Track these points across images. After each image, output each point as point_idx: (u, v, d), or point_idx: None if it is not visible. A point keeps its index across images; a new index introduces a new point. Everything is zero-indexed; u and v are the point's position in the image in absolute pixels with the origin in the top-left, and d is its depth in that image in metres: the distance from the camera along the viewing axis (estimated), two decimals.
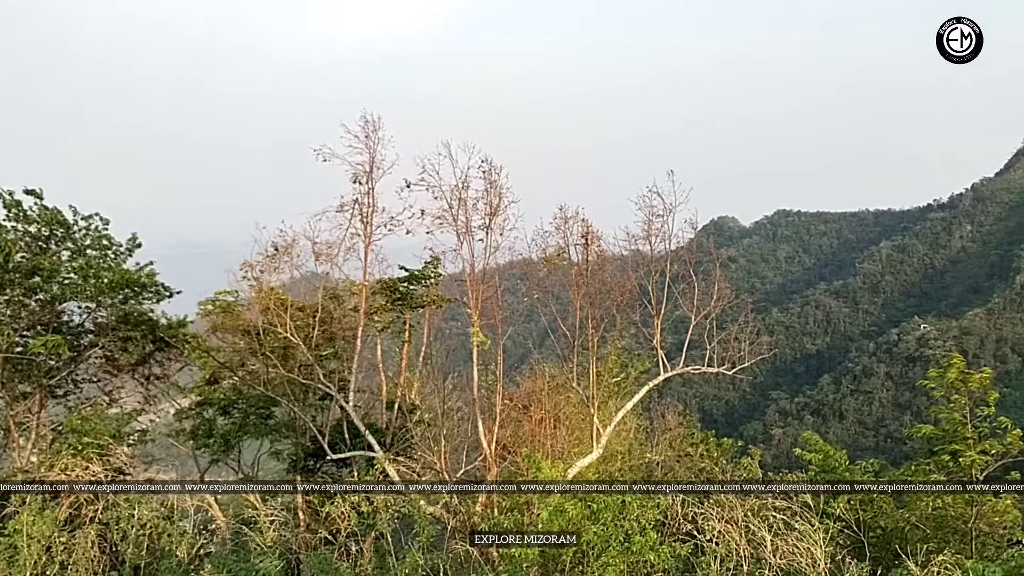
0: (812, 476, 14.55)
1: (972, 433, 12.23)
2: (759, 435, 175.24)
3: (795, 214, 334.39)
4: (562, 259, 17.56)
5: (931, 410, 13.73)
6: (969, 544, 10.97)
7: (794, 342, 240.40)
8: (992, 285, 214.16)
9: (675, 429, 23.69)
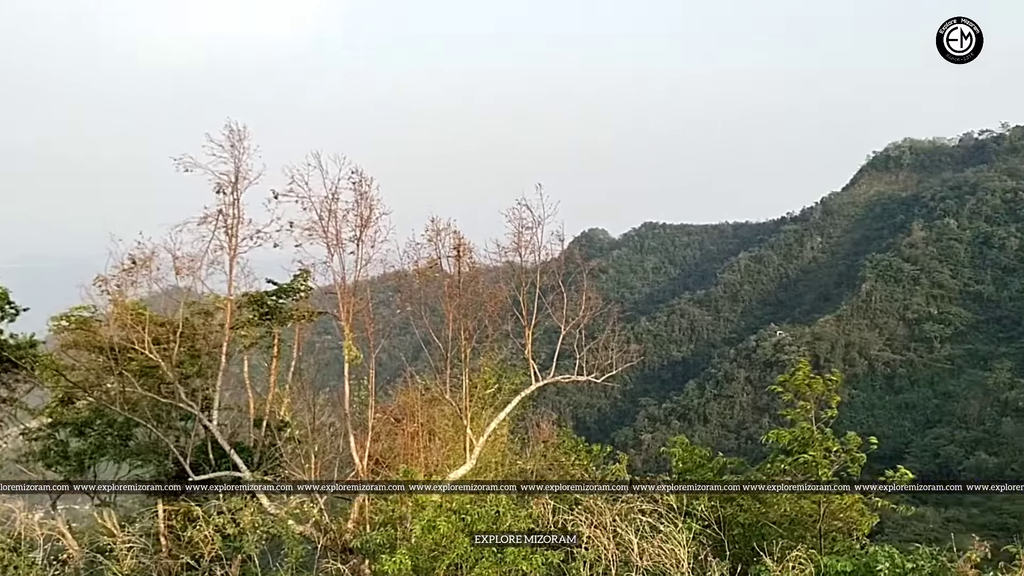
0: (677, 478, 15.12)
1: (817, 434, 13.01)
2: (630, 440, 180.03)
3: (661, 226, 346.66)
4: (434, 271, 17.57)
5: (782, 412, 14.46)
6: (820, 540, 11.65)
7: (661, 349, 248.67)
8: (840, 293, 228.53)
9: (549, 438, 24.08)
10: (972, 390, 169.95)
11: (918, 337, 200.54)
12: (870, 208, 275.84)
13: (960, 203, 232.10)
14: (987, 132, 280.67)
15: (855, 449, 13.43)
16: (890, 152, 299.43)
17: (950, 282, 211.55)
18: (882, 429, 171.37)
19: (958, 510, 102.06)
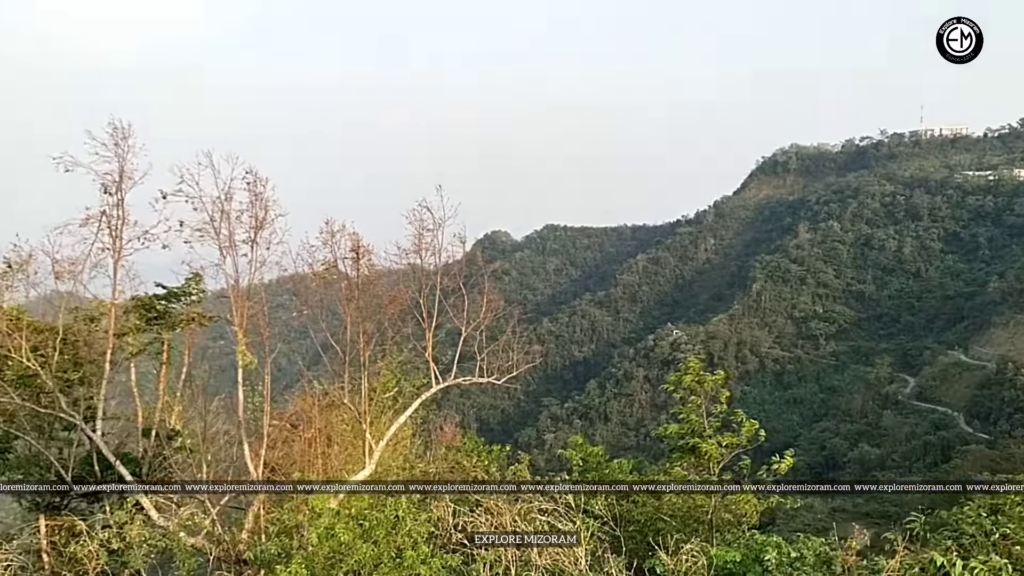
0: (576, 476, 15.33)
1: (709, 429, 13.42)
2: (533, 440, 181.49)
3: (562, 229, 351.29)
4: (331, 274, 17.26)
5: (675, 410, 14.84)
6: (712, 532, 12.00)
7: (563, 350, 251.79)
8: (733, 293, 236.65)
9: (452, 441, 23.99)
10: (855, 385, 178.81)
11: (805, 335, 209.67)
12: (760, 211, 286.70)
13: (843, 206, 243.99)
14: (867, 139, 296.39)
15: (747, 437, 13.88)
16: (778, 157, 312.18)
17: (834, 282, 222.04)
18: (772, 424, 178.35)
19: (844, 500, 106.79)
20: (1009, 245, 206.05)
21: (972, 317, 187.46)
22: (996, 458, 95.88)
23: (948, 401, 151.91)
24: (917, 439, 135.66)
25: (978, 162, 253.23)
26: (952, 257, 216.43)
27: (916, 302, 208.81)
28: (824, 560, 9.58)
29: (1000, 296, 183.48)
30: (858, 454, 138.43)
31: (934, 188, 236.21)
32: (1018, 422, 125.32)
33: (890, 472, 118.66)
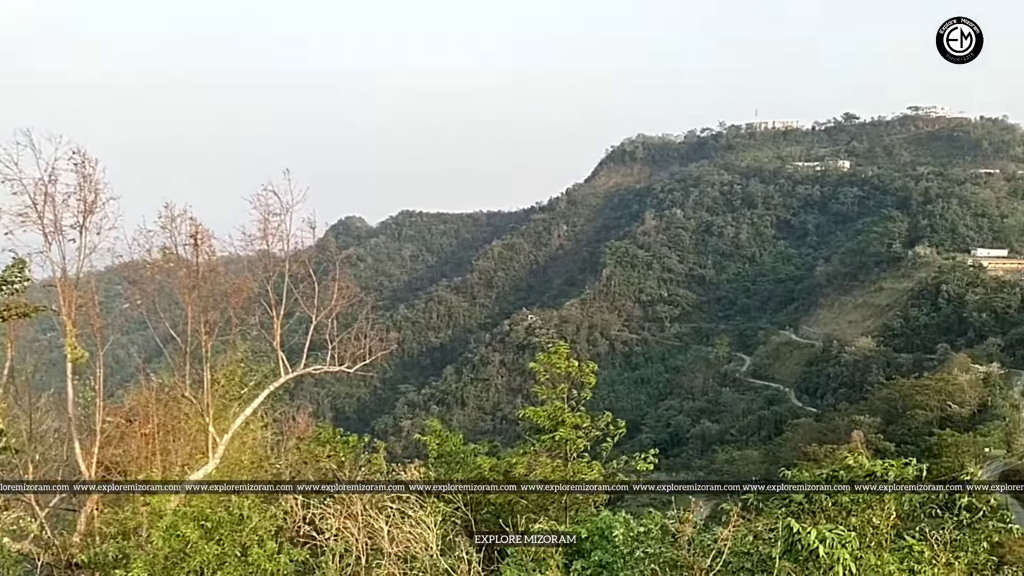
0: (431, 461, 15.33)
1: (571, 416, 13.73)
2: (390, 428, 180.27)
3: (418, 215, 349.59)
4: (170, 261, 16.37)
5: (537, 391, 15.02)
6: (565, 511, 12.31)
7: (420, 336, 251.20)
8: (584, 278, 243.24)
9: (304, 431, 23.41)
10: (697, 364, 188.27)
11: (651, 317, 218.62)
12: (609, 198, 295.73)
13: (686, 195, 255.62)
14: (708, 130, 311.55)
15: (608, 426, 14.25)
16: (626, 147, 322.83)
17: (678, 267, 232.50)
18: (622, 403, 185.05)
19: (687, 474, 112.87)
20: (834, 232, 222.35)
21: (801, 299, 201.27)
22: (823, 430, 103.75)
23: (780, 378, 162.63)
24: (753, 414, 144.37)
25: (807, 153, 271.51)
26: (784, 243, 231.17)
27: (752, 285, 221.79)
28: (667, 532, 10.03)
29: (826, 279, 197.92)
30: (700, 430, 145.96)
31: (768, 178, 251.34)
32: (842, 396, 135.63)
33: (729, 446, 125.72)
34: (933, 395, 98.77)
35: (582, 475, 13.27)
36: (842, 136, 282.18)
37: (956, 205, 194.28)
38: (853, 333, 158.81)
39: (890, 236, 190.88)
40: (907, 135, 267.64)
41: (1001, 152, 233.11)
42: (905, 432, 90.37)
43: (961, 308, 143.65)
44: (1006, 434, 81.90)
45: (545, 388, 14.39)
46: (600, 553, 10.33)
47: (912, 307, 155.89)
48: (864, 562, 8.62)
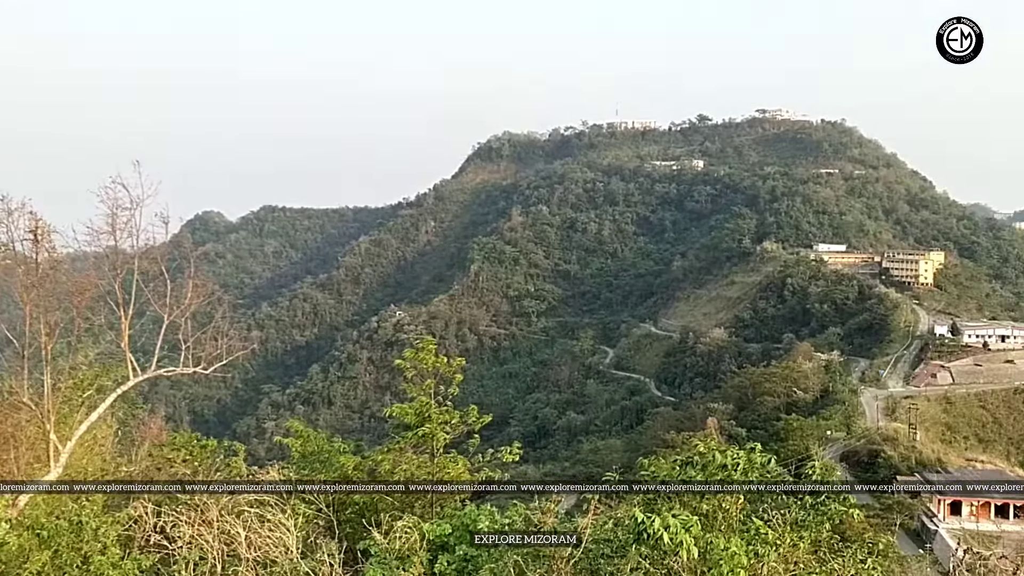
0: (294, 462, 14.96)
1: (438, 412, 13.71)
2: (253, 430, 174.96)
3: (281, 210, 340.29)
4: (5, 258, 15.19)
5: (404, 387, 14.90)
6: (430, 508, 12.31)
7: (284, 335, 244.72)
8: (453, 274, 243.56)
9: (158, 436, 22.36)
10: (563, 357, 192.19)
11: (519, 312, 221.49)
12: (477, 195, 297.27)
13: (551, 191, 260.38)
14: (571, 129, 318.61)
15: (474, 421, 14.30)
16: (492, 144, 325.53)
17: (544, 262, 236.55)
18: (491, 398, 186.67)
19: (554, 465, 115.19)
20: (689, 228, 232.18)
21: (660, 293, 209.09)
22: (680, 418, 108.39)
23: (641, 369, 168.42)
24: (616, 404, 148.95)
25: (664, 153, 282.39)
26: (643, 239, 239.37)
27: (614, 280, 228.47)
28: (530, 524, 10.21)
29: (682, 274, 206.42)
30: (566, 422, 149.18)
31: (628, 176, 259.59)
32: (698, 385, 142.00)
33: (593, 436, 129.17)
34: (780, 382, 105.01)
35: (447, 470, 13.29)
36: (696, 137, 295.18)
37: (800, 203, 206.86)
38: (708, 325, 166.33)
39: (740, 232, 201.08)
40: (755, 136, 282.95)
41: (840, 153, 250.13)
42: (755, 418, 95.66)
43: (805, 300, 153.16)
44: (846, 417, 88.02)
45: (412, 384, 14.31)
46: (465, 547, 10.40)
47: (760, 299, 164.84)
48: (712, 545, 9.04)
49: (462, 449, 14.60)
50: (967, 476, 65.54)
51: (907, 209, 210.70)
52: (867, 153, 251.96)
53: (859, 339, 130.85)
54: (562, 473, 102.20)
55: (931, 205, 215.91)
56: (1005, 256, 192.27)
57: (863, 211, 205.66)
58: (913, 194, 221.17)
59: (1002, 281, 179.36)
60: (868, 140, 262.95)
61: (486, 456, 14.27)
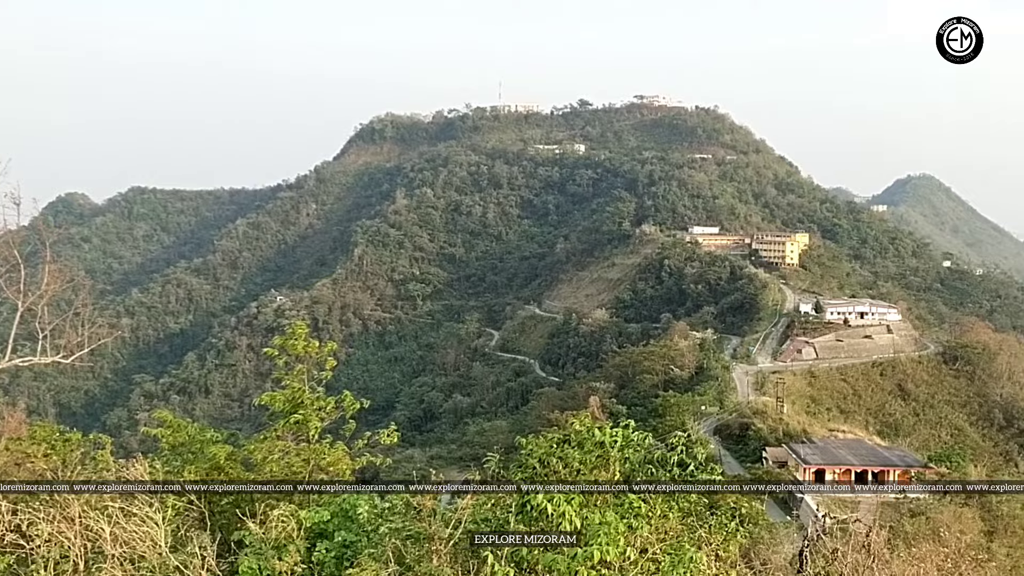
0: (164, 454, 14.36)
1: (312, 399, 13.41)
2: (124, 422, 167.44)
3: (151, 191, 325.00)
4: None
5: (277, 375, 14.51)
6: (308, 495, 12.09)
7: (157, 322, 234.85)
8: (336, 258, 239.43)
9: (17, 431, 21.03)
10: (449, 340, 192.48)
11: (404, 296, 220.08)
12: (359, 177, 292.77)
13: (435, 174, 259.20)
14: (455, 111, 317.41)
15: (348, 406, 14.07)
16: (375, 125, 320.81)
17: (429, 245, 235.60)
18: (376, 382, 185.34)
19: (441, 447, 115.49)
20: (572, 211, 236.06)
21: (544, 275, 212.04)
22: (564, 397, 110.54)
23: (526, 350, 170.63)
24: (502, 386, 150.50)
25: (547, 137, 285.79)
26: (527, 222, 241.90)
27: (499, 263, 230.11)
28: (410, 507, 10.19)
29: (565, 256, 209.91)
30: (452, 404, 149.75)
31: (512, 159, 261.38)
32: (581, 365, 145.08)
33: (480, 418, 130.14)
34: (658, 360, 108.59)
35: (324, 456, 13.06)
36: (578, 121, 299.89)
37: (676, 187, 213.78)
38: (590, 306, 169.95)
39: (620, 215, 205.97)
40: (634, 122, 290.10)
41: (713, 139, 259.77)
42: (635, 395, 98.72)
43: (681, 281, 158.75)
44: (719, 392, 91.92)
45: (284, 371, 13.97)
46: (344, 533, 10.28)
47: (640, 281, 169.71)
48: (589, 520, 9.29)
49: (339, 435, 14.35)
50: (830, 445, 69.71)
51: (775, 193, 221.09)
52: (738, 139, 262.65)
53: (731, 317, 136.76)
54: (449, 456, 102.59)
55: (797, 189, 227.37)
56: (864, 237, 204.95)
57: (734, 195, 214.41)
58: (780, 179, 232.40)
59: (861, 261, 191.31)
60: (739, 126, 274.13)
61: (364, 440, 14.07)
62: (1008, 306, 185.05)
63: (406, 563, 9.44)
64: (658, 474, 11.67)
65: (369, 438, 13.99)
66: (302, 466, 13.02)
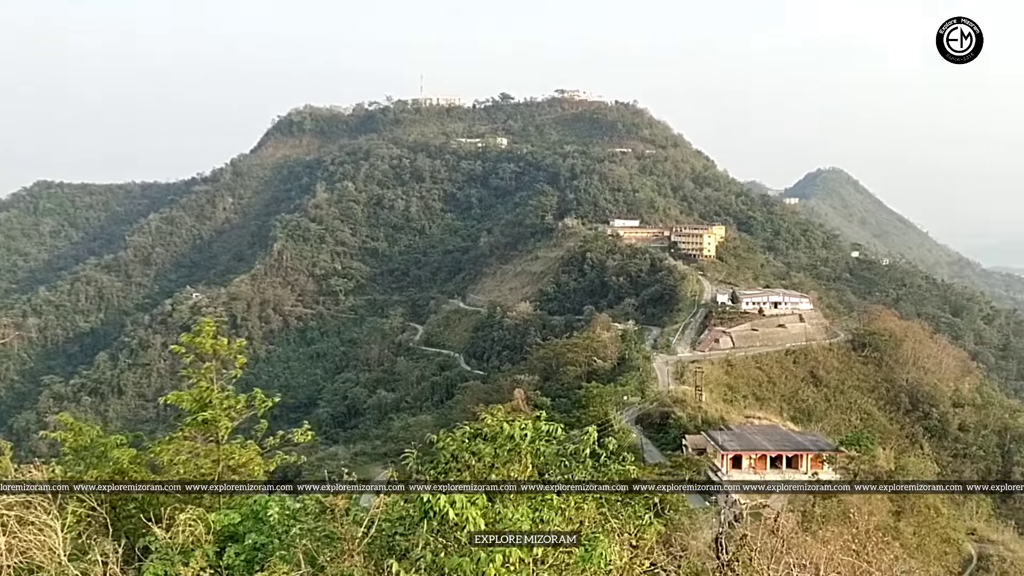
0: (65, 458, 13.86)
1: (221, 397, 13.11)
2: (33, 425, 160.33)
3: (58, 186, 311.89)
4: None
5: (184, 373, 14.15)
6: (217, 497, 11.86)
7: (66, 321, 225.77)
8: (254, 253, 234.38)
9: None
10: (372, 335, 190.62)
11: (326, 291, 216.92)
12: (278, 170, 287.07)
13: (356, 168, 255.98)
14: (375, 104, 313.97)
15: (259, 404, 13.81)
16: (293, 117, 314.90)
17: (351, 240, 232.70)
18: (298, 379, 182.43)
19: (365, 444, 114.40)
20: (495, 205, 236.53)
21: (468, 269, 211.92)
22: (489, 390, 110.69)
23: (451, 344, 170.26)
24: (426, 380, 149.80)
25: (469, 130, 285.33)
26: (451, 215, 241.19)
27: (423, 257, 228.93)
28: (322, 507, 10.09)
29: (489, 250, 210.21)
30: (376, 400, 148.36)
31: (434, 152, 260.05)
32: (506, 357, 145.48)
33: (404, 413, 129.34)
34: (581, 352, 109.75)
35: (235, 456, 12.81)
36: (500, 115, 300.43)
37: (597, 181, 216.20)
38: (514, 299, 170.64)
39: (543, 209, 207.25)
40: (555, 116, 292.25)
41: (632, 133, 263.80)
42: (559, 387, 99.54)
43: (603, 273, 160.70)
44: (640, 383, 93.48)
45: (192, 370, 13.62)
46: (255, 536, 10.13)
47: (563, 273, 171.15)
48: (500, 515, 9.33)
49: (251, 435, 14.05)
50: (747, 432, 71.72)
51: (692, 186, 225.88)
52: (656, 133, 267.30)
53: (652, 309, 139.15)
54: (373, 452, 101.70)
55: (713, 183, 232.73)
56: (777, 229, 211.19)
57: (654, 188, 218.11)
58: (698, 172, 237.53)
59: (774, 252, 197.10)
60: (658, 121, 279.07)
61: (276, 439, 13.80)
62: (913, 294, 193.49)
63: (318, 564, 9.37)
64: (571, 466, 11.78)
65: (282, 437, 13.72)
66: (211, 468, 12.75)
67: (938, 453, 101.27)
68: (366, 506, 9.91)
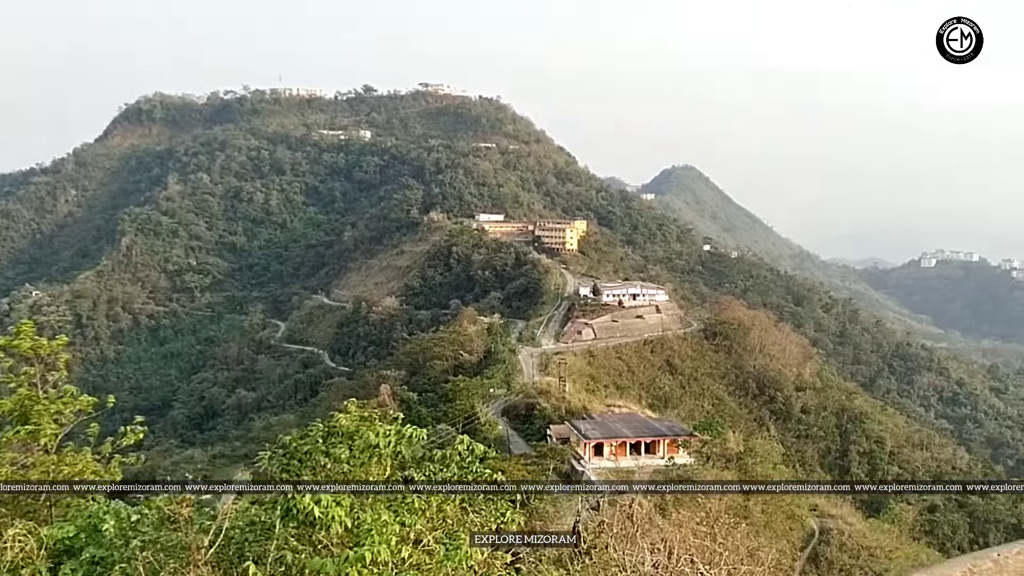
0: None
1: (45, 403, 12.29)
2: None
3: None
4: None
5: (5, 379, 13.15)
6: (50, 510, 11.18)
7: None
8: (100, 248, 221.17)
9: None
10: (231, 333, 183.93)
11: (180, 288, 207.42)
12: (126, 161, 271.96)
13: (212, 159, 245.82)
14: (231, 93, 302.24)
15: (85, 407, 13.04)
16: (142, 105, 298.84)
17: (207, 234, 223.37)
18: (150, 381, 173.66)
19: (224, 445, 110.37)
20: (359, 198, 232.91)
21: (332, 263, 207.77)
22: (355, 387, 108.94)
23: (314, 341, 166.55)
24: (289, 379, 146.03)
25: (331, 122, 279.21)
26: (313, 209, 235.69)
27: (284, 252, 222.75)
28: (164, 517, 9.65)
29: (354, 244, 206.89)
30: (236, 400, 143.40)
31: (295, 144, 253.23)
32: (372, 353, 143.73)
33: (266, 413, 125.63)
34: (448, 346, 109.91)
35: (66, 464, 12.02)
36: (363, 107, 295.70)
37: (462, 175, 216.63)
38: (379, 294, 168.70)
39: (408, 203, 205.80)
40: (420, 109, 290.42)
41: (496, 128, 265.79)
42: (426, 381, 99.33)
43: (469, 267, 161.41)
44: (506, 375, 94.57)
45: (11, 375, 12.66)
46: (93, 549, 9.58)
47: (429, 268, 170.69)
48: (361, 519, 9.22)
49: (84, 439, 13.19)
50: (608, 420, 73.96)
51: (555, 182, 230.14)
52: (520, 129, 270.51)
53: (517, 302, 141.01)
54: (233, 454, 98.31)
55: (575, 178, 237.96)
56: (635, 224, 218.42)
57: (518, 183, 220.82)
58: (560, 168, 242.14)
59: (633, 246, 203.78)
60: (521, 117, 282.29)
61: (110, 444, 12.96)
62: (759, 285, 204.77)
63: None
64: (435, 469, 11.79)
65: (114, 441, 12.92)
66: (36, 475, 11.92)
67: (783, 434, 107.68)
68: (216, 513, 9.55)
